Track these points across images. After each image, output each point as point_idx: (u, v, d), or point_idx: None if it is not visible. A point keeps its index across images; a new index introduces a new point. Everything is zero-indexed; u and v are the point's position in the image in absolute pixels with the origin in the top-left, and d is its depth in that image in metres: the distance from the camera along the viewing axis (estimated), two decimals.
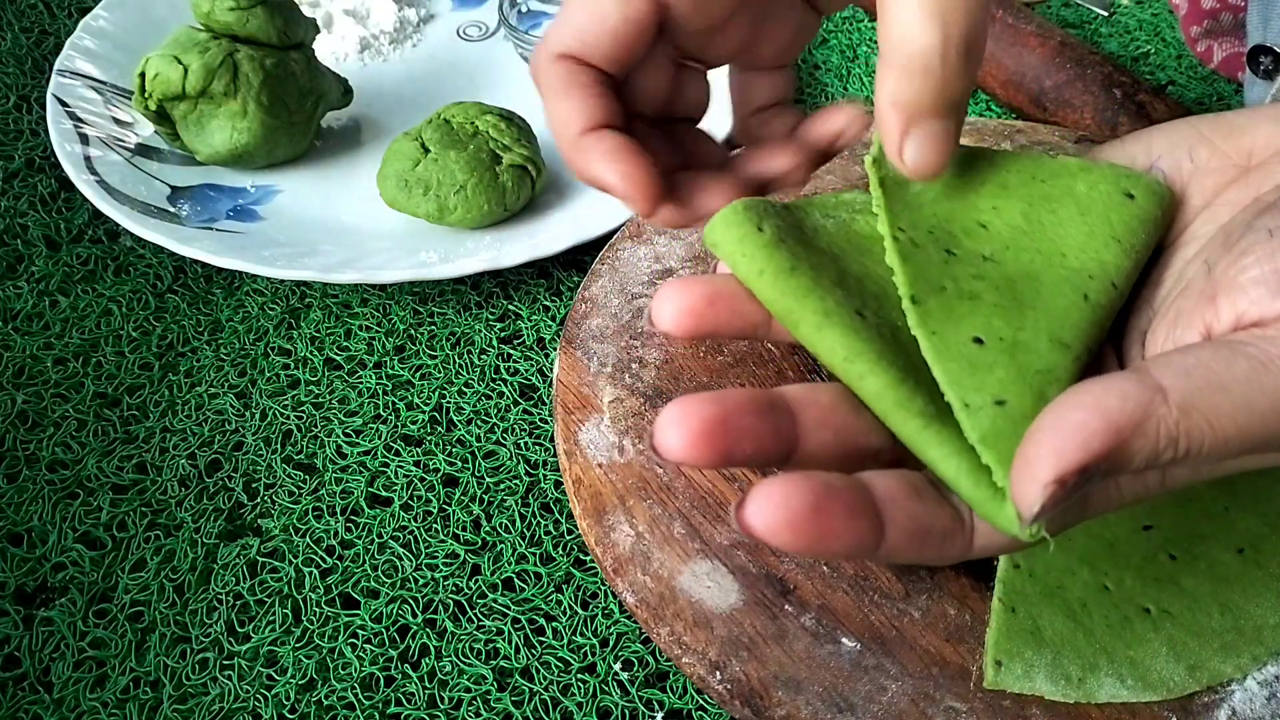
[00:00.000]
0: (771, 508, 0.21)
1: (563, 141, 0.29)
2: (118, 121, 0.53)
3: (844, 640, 0.31)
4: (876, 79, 0.26)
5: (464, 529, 0.39)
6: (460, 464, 0.41)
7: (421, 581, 0.38)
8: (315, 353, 0.46)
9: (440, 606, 0.37)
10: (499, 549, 0.39)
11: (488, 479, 0.41)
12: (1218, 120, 0.28)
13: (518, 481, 0.41)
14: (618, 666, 0.36)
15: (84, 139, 0.51)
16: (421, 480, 0.41)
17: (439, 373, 0.45)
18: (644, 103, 0.31)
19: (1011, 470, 0.21)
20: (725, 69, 0.33)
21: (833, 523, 0.21)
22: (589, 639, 0.36)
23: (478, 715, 0.35)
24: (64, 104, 0.52)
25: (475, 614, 0.37)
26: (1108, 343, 0.27)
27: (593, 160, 0.28)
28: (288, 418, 0.43)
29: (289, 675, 0.36)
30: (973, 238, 0.27)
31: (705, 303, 0.26)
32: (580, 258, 0.48)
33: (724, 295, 0.26)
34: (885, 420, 0.24)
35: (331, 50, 0.60)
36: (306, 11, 0.58)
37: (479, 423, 0.43)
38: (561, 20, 0.29)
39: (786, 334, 0.26)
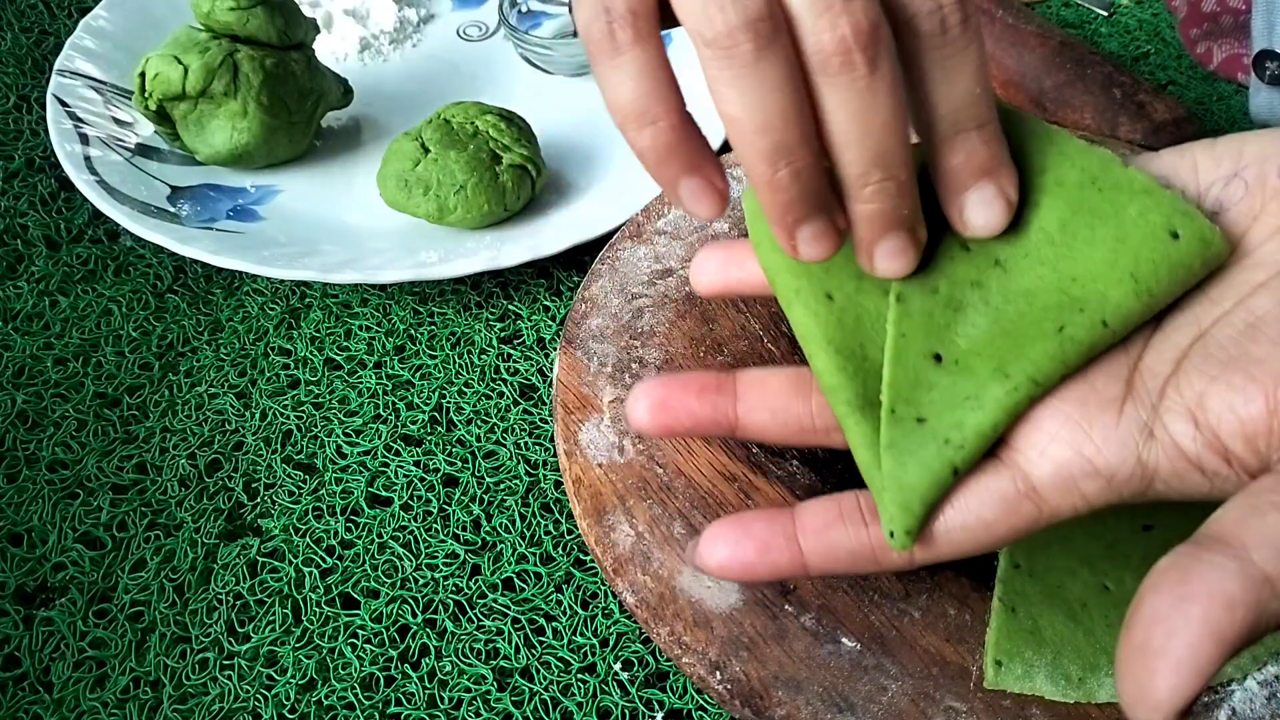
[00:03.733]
0: (705, 551, 0.27)
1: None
2: (118, 121, 0.53)
3: (844, 640, 0.31)
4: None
5: (464, 529, 0.39)
6: (460, 464, 0.41)
7: (421, 581, 0.38)
8: (315, 353, 0.46)
9: (440, 606, 0.37)
10: (499, 549, 0.39)
11: (488, 479, 0.41)
12: None
13: (518, 481, 0.41)
14: (618, 666, 0.36)
15: (84, 139, 0.51)
16: (421, 480, 0.41)
17: (439, 373, 0.45)
18: None
19: (1123, 688, 0.21)
20: None
21: (751, 562, 0.26)
22: (589, 639, 0.36)
23: (478, 715, 0.35)
24: (64, 104, 0.52)
25: (475, 614, 0.37)
26: (1121, 347, 0.26)
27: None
28: (288, 418, 0.43)
29: (289, 675, 0.36)
30: (998, 236, 0.27)
31: (723, 262, 0.30)
32: (580, 258, 0.48)
33: (744, 256, 0.30)
34: (825, 396, 0.27)
35: (331, 50, 0.60)
36: (306, 11, 0.58)
37: (479, 423, 0.43)
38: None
39: None
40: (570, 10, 0.62)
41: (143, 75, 0.49)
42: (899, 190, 0.25)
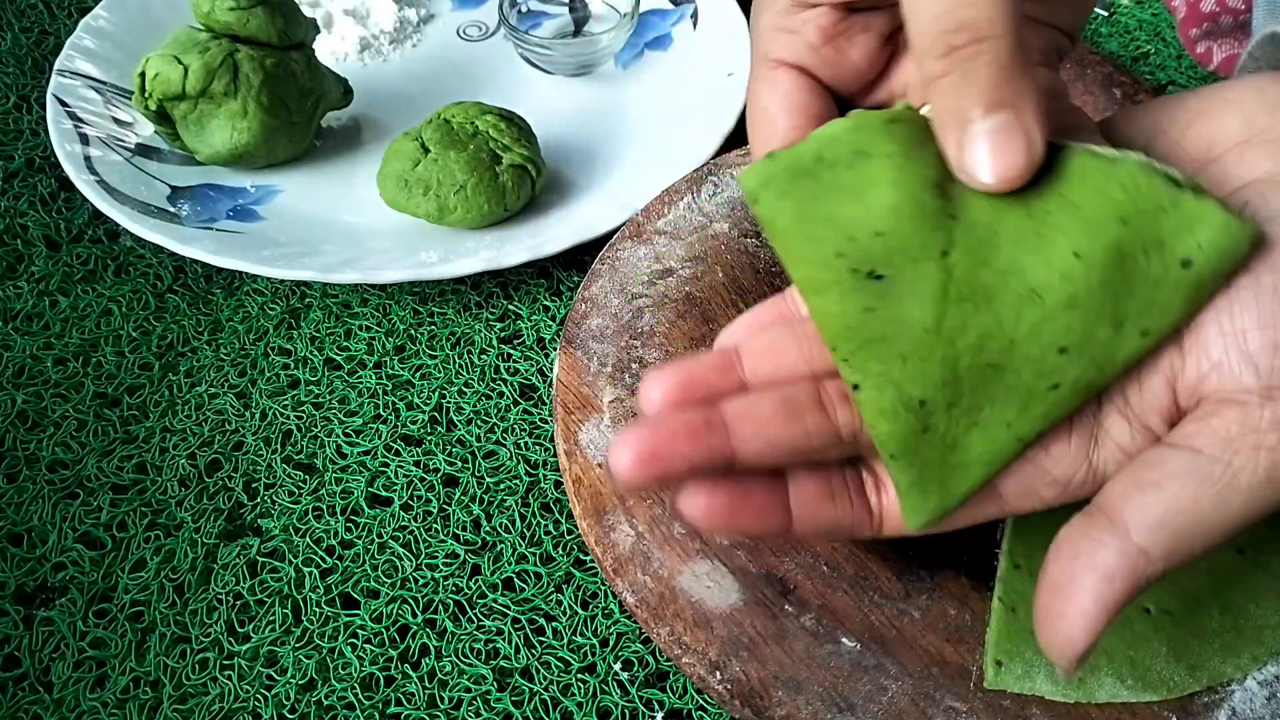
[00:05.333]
0: (696, 503, 0.26)
1: None
2: (118, 121, 0.53)
3: (844, 640, 0.31)
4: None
5: (464, 529, 0.39)
6: (460, 464, 0.41)
7: (421, 581, 0.38)
8: (315, 353, 0.46)
9: (440, 606, 0.37)
10: (499, 549, 0.39)
11: (488, 479, 0.41)
12: (1177, 106, 0.28)
13: (518, 481, 0.41)
14: (618, 666, 0.36)
15: (84, 139, 0.51)
16: (421, 480, 0.41)
17: (439, 373, 0.45)
18: None
19: (1040, 635, 0.25)
20: None
21: (745, 518, 0.26)
22: (589, 639, 0.36)
23: (478, 715, 0.35)
24: (64, 104, 0.52)
25: (475, 614, 0.37)
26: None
27: None
28: (288, 418, 0.43)
29: (289, 675, 0.36)
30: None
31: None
32: (580, 258, 0.48)
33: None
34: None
35: (331, 50, 0.60)
36: (306, 11, 0.58)
37: (479, 423, 0.43)
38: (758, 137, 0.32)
39: None
40: (570, 10, 0.62)
41: (143, 75, 0.49)
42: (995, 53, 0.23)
